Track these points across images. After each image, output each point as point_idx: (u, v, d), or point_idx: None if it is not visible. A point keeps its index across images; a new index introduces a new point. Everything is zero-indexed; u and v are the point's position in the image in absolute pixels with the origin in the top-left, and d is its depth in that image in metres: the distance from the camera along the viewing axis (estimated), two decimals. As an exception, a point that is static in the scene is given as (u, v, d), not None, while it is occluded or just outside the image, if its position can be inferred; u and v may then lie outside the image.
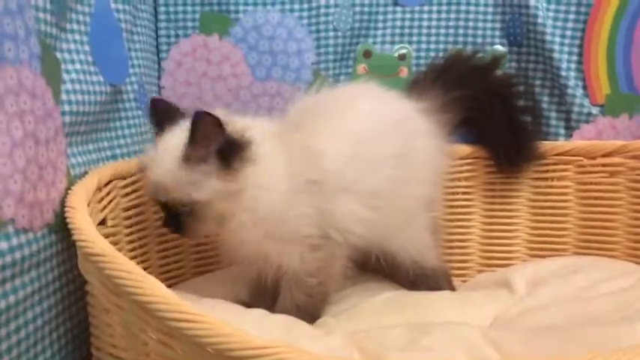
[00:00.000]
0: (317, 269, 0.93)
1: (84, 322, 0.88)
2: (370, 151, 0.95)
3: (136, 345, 0.71)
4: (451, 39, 1.32)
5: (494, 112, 1.18)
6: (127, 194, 1.03)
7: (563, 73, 1.25)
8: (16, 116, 0.75)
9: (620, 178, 1.17)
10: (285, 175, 0.89)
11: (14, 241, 0.74)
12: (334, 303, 1.01)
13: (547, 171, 1.23)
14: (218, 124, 0.82)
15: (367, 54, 1.34)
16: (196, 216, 0.86)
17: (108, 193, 0.96)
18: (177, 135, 0.86)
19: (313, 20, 1.31)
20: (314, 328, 0.89)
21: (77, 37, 0.96)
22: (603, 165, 1.19)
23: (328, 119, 0.95)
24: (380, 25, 1.33)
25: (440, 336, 0.81)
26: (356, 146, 0.94)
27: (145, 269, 0.68)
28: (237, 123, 0.87)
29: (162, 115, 0.89)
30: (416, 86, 1.16)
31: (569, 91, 1.25)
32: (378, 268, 1.09)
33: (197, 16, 1.31)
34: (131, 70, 1.15)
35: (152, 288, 0.65)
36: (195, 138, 0.82)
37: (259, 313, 0.88)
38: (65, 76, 0.92)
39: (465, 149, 1.23)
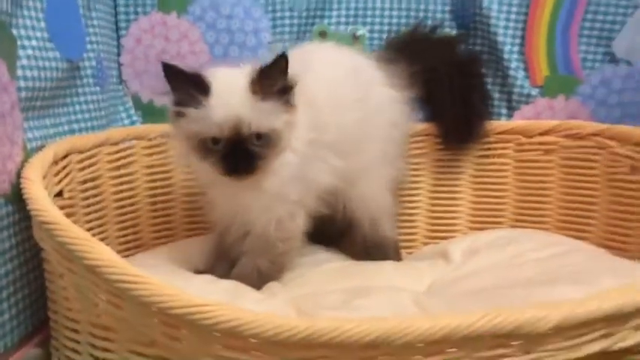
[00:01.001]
0: (287, 238, 1.00)
1: (40, 288, 0.93)
2: (340, 99, 1.03)
3: (88, 307, 0.77)
4: (403, 21, 1.37)
5: (451, 88, 1.24)
6: (83, 168, 1.07)
7: (506, 56, 1.31)
8: (-29, 91, 0.79)
9: (554, 155, 1.25)
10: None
11: (-27, 210, 0.79)
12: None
13: (489, 149, 1.31)
14: (286, 65, 0.89)
15: (323, 34, 1.38)
16: (268, 148, 0.92)
17: (65, 167, 1.01)
18: (233, 79, 0.92)
19: (270, 0, 1.35)
20: (259, 292, 0.96)
21: (33, 13, 0.99)
22: (539, 143, 1.27)
23: (315, 79, 1.00)
24: (335, 6, 1.38)
25: (373, 298, 0.88)
26: (337, 100, 1.02)
27: (102, 240, 0.73)
28: None
29: (176, 74, 0.90)
30: (380, 59, 1.19)
31: (511, 72, 1.32)
32: (332, 239, 1.17)
33: (155, -7, 1.34)
34: (89, 47, 1.18)
35: (101, 253, 0.70)
36: (268, 74, 0.90)
37: (206, 278, 0.94)
38: (21, 52, 0.95)
39: (416, 127, 1.29)
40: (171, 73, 0.90)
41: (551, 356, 0.71)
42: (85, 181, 1.07)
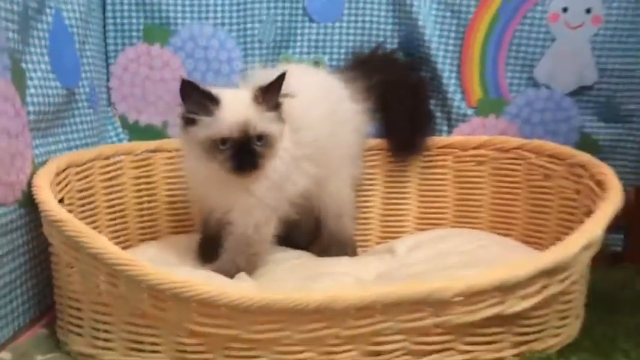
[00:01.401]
0: (261, 240, 1.19)
1: (46, 279, 1.10)
2: (315, 116, 1.23)
3: (90, 288, 0.96)
4: (357, 49, 1.59)
5: (401, 108, 1.44)
6: (80, 179, 1.25)
7: (445, 82, 1.53)
8: (-7, 116, 0.97)
9: (485, 166, 1.46)
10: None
11: (-5, 212, 0.97)
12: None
13: (431, 161, 1.51)
14: (282, 82, 1.10)
15: (288, 62, 1.59)
16: (267, 149, 1.11)
17: (65, 178, 1.19)
18: (241, 94, 1.13)
19: (241, 33, 1.54)
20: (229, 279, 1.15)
21: (38, 49, 1.18)
22: (473, 156, 1.48)
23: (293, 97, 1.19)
24: (298, 37, 1.58)
25: (324, 281, 1.08)
26: (313, 115, 1.22)
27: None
28: None
29: (191, 89, 1.10)
30: (343, 77, 1.40)
31: (450, 95, 1.54)
32: (299, 246, 1.37)
33: (141, 27, 1.53)
34: (83, 75, 1.36)
35: (101, 243, 0.90)
36: (269, 89, 1.10)
37: (187, 268, 1.13)
38: (29, 83, 1.13)
39: (370, 142, 1.49)
40: (189, 87, 1.09)
41: (457, 319, 0.91)
42: (81, 190, 1.25)
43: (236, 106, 1.10)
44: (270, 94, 1.11)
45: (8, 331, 1.02)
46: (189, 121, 1.12)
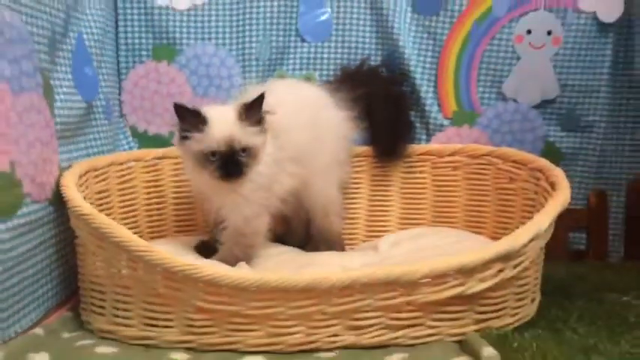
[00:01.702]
0: (253, 232, 1.35)
1: (71, 268, 1.27)
2: (296, 123, 1.39)
3: (113, 273, 1.12)
4: (345, 65, 1.76)
5: (385, 118, 1.60)
6: (98, 182, 1.41)
7: (423, 95, 1.71)
8: (29, 126, 1.14)
9: (459, 171, 1.62)
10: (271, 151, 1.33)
11: (30, 208, 1.13)
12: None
13: (412, 166, 1.67)
14: (262, 100, 1.26)
15: (282, 78, 1.76)
16: (250, 159, 1.27)
17: (86, 180, 1.35)
18: (225, 111, 1.29)
19: (240, 52, 1.72)
20: (230, 267, 1.31)
21: (63, 68, 1.34)
22: (449, 162, 1.64)
23: (277, 107, 1.33)
24: (291, 56, 1.75)
25: (313, 269, 1.24)
26: (294, 121, 1.39)
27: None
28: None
29: (183, 111, 1.27)
30: (330, 88, 1.56)
31: (428, 108, 1.71)
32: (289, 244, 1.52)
33: (150, 47, 1.70)
34: (99, 90, 1.53)
35: (123, 233, 1.07)
36: (250, 107, 1.26)
37: (194, 257, 1.29)
38: (56, 97, 1.30)
39: (357, 150, 1.66)
40: (180, 110, 1.26)
41: (424, 297, 1.08)
42: (99, 192, 1.41)
43: (222, 123, 1.27)
44: (251, 111, 1.27)
45: (40, 312, 1.18)
46: (184, 137, 1.28)
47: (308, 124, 1.44)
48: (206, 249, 1.38)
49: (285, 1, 1.71)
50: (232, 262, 1.31)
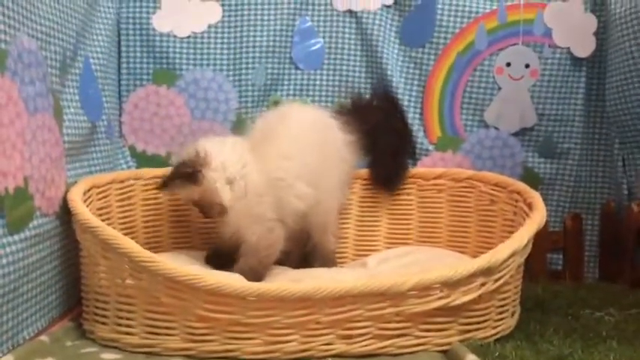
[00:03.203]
0: (269, 245, 1.42)
1: (74, 279, 1.32)
2: (305, 144, 1.47)
3: (117, 283, 1.18)
4: (336, 94, 1.84)
5: (387, 147, 1.68)
6: (100, 198, 1.47)
7: (410, 121, 1.80)
8: (41, 144, 1.20)
9: (443, 193, 1.70)
10: (260, 176, 1.40)
11: (39, 222, 1.19)
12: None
13: (399, 189, 1.76)
14: (180, 166, 1.37)
15: (276, 103, 1.83)
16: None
17: (89, 197, 1.41)
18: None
19: (237, 78, 1.80)
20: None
21: (71, 90, 1.42)
22: (434, 185, 1.72)
23: (278, 129, 1.44)
24: (285, 82, 1.84)
25: (306, 282, 1.31)
26: (296, 143, 1.46)
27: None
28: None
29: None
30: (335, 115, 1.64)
31: (414, 133, 1.80)
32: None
33: (151, 71, 1.78)
34: (103, 111, 1.61)
35: (128, 244, 1.13)
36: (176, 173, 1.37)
37: (194, 268, 1.36)
38: (65, 117, 1.37)
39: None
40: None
41: (412, 309, 1.15)
42: (100, 208, 1.46)
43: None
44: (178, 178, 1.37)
45: (46, 321, 1.23)
46: None
47: (317, 147, 1.51)
48: (218, 258, 1.45)
49: (280, 31, 1.80)
50: (250, 273, 1.36)
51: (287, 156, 1.43)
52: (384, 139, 1.68)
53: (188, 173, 1.34)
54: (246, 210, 1.40)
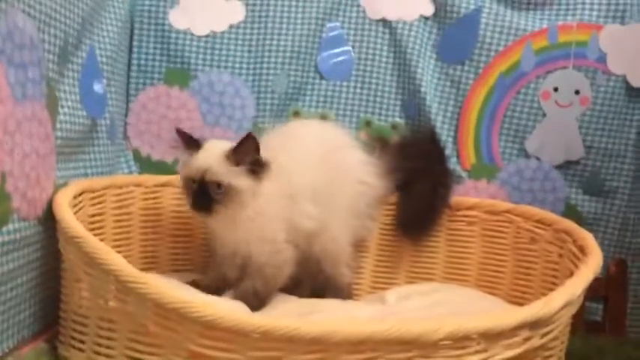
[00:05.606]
0: (276, 266, 1.28)
1: (52, 295, 1.15)
2: (311, 161, 1.33)
3: (99, 304, 1.00)
4: (362, 109, 1.69)
5: (422, 195, 1.50)
6: (93, 204, 1.31)
7: (442, 145, 1.64)
8: (27, 137, 1.05)
9: (475, 226, 1.54)
10: (274, 192, 1.26)
11: (16, 226, 1.03)
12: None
13: (425, 216, 1.60)
14: (257, 146, 1.21)
15: (296, 114, 1.69)
16: (225, 199, 1.21)
17: (80, 202, 1.25)
18: (219, 145, 1.24)
19: (256, 83, 1.66)
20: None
21: (71, 81, 1.27)
22: (465, 216, 1.55)
23: (289, 144, 1.33)
24: (308, 92, 1.69)
25: (319, 316, 1.14)
26: (305, 160, 1.33)
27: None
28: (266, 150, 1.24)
29: (186, 138, 1.25)
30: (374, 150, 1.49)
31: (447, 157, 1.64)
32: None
33: (163, 70, 1.64)
34: (106, 108, 1.46)
35: (114, 259, 0.96)
36: (240, 148, 1.21)
37: (194, 291, 1.19)
38: (60, 110, 1.22)
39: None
40: (181, 134, 1.25)
41: (442, 363, 0.97)
42: (92, 215, 1.31)
43: (207, 154, 1.23)
44: (239, 153, 1.22)
45: (13, 341, 1.06)
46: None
47: (321, 164, 1.36)
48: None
49: (306, 36, 1.66)
50: (253, 296, 1.24)
51: (290, 172, 1.29)
52: (420, 185, 1.51)
53: (263, 163, 1.23)
54: (255, 228, 1.26)
